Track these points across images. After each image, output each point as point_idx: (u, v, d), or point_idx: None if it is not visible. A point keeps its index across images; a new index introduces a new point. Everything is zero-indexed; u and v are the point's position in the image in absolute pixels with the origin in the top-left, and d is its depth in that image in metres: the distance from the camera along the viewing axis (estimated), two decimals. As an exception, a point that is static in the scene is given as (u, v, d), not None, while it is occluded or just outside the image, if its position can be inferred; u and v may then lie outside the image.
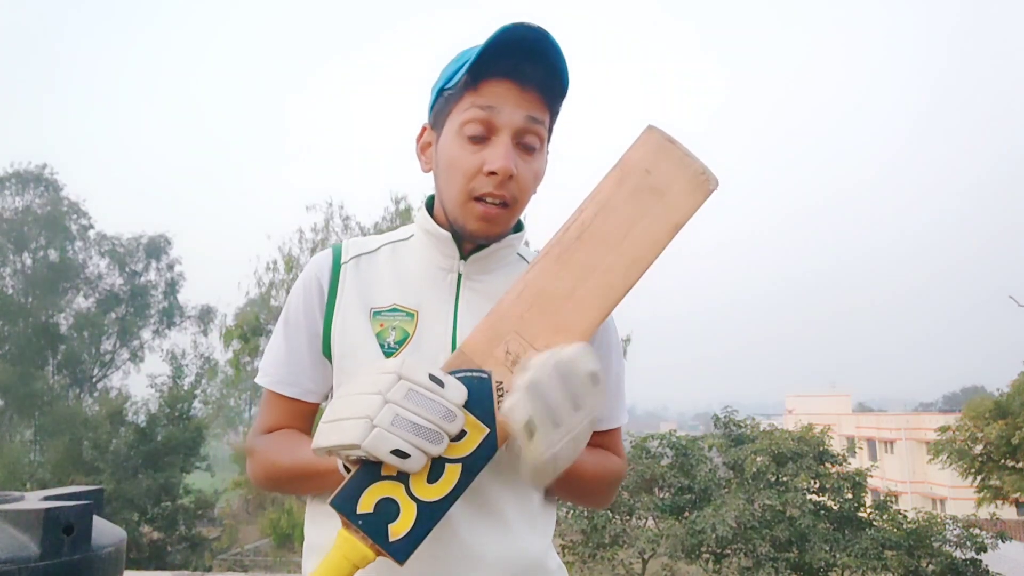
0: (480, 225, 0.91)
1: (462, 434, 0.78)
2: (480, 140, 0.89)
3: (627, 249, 0.84)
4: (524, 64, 0.88)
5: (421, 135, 1.01)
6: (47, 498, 1.37)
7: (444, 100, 0.94)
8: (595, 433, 1.02)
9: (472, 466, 0.78)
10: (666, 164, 0.85)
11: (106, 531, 1.35)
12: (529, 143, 0.91)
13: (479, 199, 0.90)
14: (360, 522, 0.76)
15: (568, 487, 0.94)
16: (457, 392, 0.76)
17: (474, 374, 0.80)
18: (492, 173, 0.87)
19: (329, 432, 0.75)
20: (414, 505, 0.77)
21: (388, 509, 0.76)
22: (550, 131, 0.97)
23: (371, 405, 0.72)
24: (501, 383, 0.80)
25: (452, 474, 0.78)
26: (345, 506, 0.76)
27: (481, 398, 0.79)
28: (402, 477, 0.77)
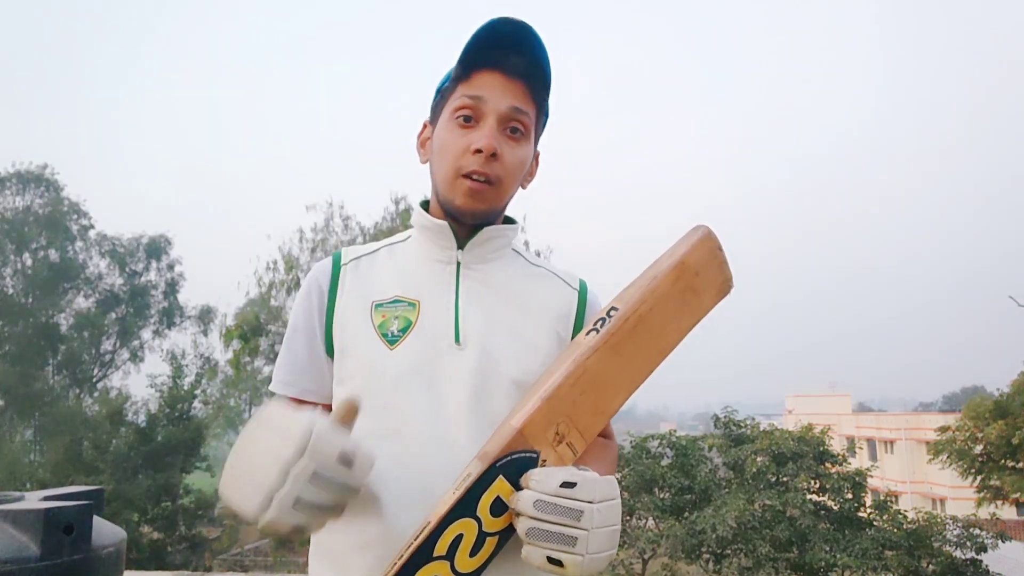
0: (467, 200, 0.95)
1: (503, 508, 0.81)
2: (469, 124, 0.95)
3: (662, 339, 0.92)
4: (510, 56, 0.94)
5: (422, 131, 1.07)
6: (47, 498, 1.37)
7: (441, 95, 1.02)
8: None
9: (507, 537, 0.82)
10: (710, 268, 0.93)
11: (106, 531, 1.35)
12: (515, 129, 0.96)
13: (467, 176, 0.94)
14: None
15: None
16: (365, 470, 0.76)
17: (526, 454, 0.84)
18: (478, 151, 0.93)
19: (231, 488, 0.74)
20: None
21: None
22: (540, 128, 1.03)
23: (272, 480, 0.71)
24: (545, 461, 0.85)
25: (490, 545, 0.82)
26: None
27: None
28: (450, 555, 0.80)
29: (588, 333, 0.91)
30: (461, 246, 1.00)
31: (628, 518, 10.75)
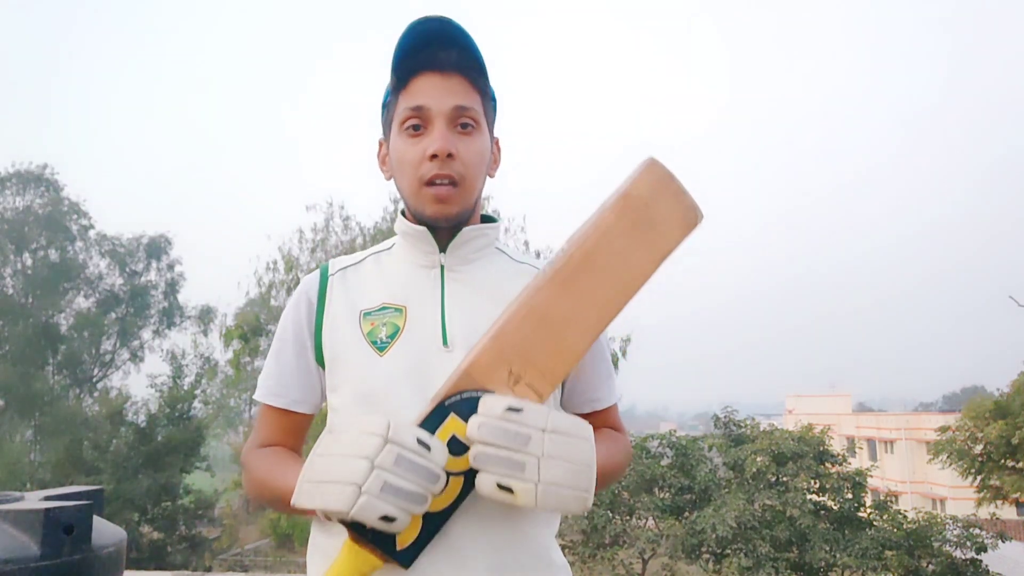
0: (436, 207, 0.96)
1: (465, 448, 0.81)
2: (419, 131, 0.96)
3: (621, 277, 0.89)
4: (438, 53, 0.95)
5: (379, 150, 1.07)
6: (47, 498, 1.38)
7: (386, 109, 1.01)
8: (596, 412, 1.07)
9: (473, 477, 0.81)
10: (663, 198, 0.90)
11: (106, 531, 1.36)
12: (465, 124, 0.97)
13: (429, 183, 0.95)
14: (370, 536, 0.79)
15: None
16: (442, 454, 0.78)
17: (478, 395, 0.84)
18: (433, 156, 0.93)
19: (312, 493, 0.76)
20: (420, 516, 0.80)
21: None
22: (491, 114, 1.03)
23: (358, 471, 0.73)
24: None
25: (455, 485, 0.82)
26: (356, 524, 0.78)
27: None
28: None
29: (537, 276, 0.91)
30: (443, 249, 1.01)
31: (628, 518, 10.76)
